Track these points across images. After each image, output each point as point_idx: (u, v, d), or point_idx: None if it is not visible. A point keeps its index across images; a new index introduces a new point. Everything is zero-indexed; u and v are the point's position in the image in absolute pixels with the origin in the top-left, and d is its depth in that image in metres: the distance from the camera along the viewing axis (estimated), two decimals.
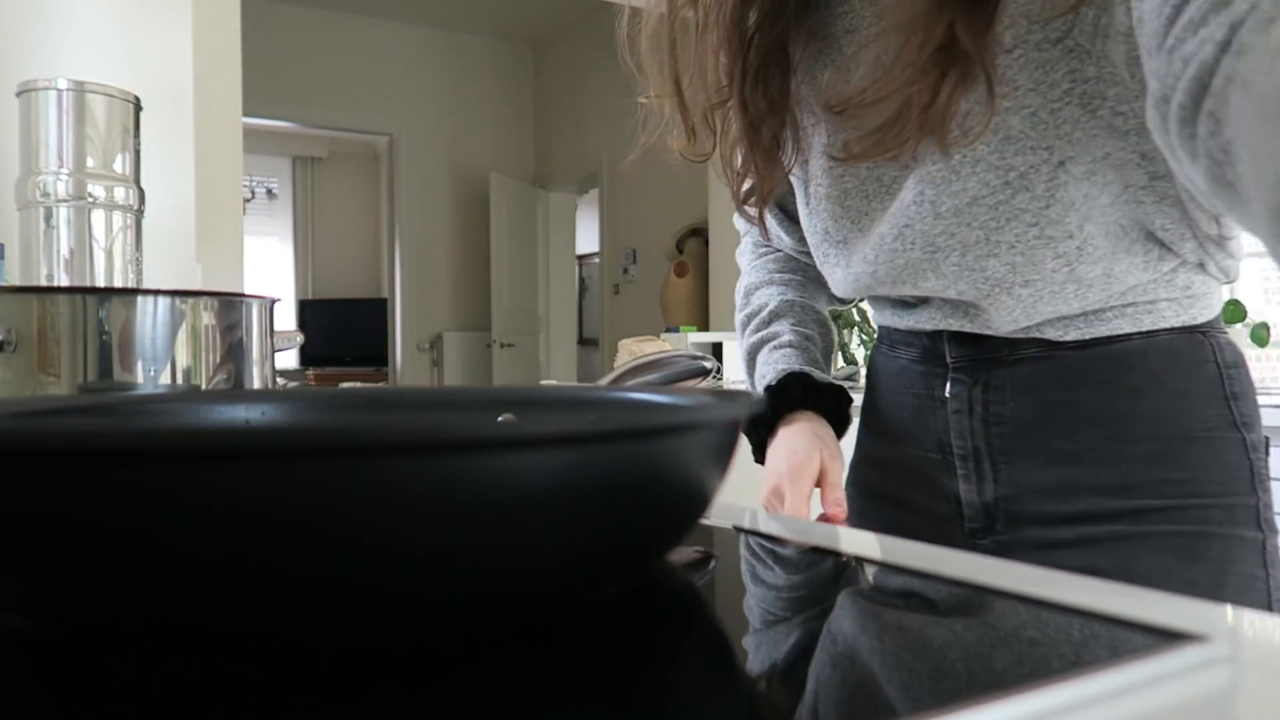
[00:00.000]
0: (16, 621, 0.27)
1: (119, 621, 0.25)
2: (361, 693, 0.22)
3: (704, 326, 4.19)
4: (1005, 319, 0.64)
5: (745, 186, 0.73)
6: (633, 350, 2.62)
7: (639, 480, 0.28)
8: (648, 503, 0.29)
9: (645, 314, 5.24)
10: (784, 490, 0.71)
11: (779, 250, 0.88)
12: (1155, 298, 0.63)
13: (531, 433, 0.25)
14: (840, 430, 0.77)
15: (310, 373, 7.95)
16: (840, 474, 0.73)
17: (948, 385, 0.70)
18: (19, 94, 0.86)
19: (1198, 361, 0.64)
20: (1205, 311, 0.65)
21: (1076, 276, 0.61)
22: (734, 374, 2.91)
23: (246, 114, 3.22)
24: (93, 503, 0.23)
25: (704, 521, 0.46)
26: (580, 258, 6.67)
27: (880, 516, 0.77)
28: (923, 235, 0.63)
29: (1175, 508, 0.62)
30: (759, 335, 0.83)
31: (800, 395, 0.76)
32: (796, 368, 0.78)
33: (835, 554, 0.39)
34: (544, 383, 3.31)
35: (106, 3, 1.90)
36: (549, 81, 6.31)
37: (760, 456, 0.79)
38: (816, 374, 0.78)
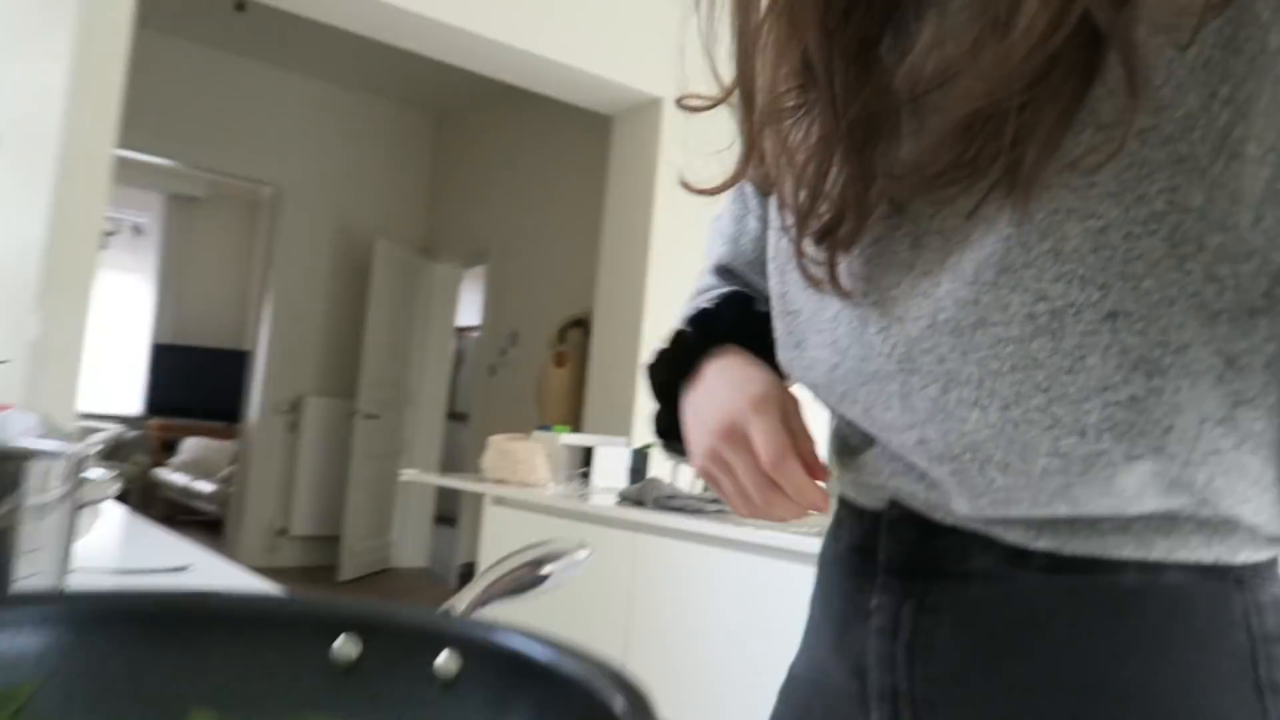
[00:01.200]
0: None
1: None
2: None
3: (577, 426, 4.11)
4: (965, 504, 0.46)
5: (817, 226, 0.48)
6: (502, 448, 2.56)
7: None
8: None
9: (520, 398, 5.17)
10: (744, 428, 0.53)
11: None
12: (1178, 513, 0.43)
13: None
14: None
15: (154, 423, 7.44)
16: (807, 422, 0.54)
17: (873, 593, 0.51)
18: None
19: (1221, 624, 0.43)
20: (1249, 547, 0.44)
21: (1071, 497, 0.43)
22: (602, 480, 2.86)
23: (125, 147, 3.04)
24: None
25: None
26: (460, 329, 6.56)
27: None
28: (904, 340, 0.46)
29: None
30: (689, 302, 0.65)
31: (736, 319, 0.58)
32: (731, 290, 0.61)
33: None
34: (404, 473, 3.14)
35: None
36: (448, 152, 6.28)
37: (669, 417, 0.60)
38: (762, 303, 0.59)
